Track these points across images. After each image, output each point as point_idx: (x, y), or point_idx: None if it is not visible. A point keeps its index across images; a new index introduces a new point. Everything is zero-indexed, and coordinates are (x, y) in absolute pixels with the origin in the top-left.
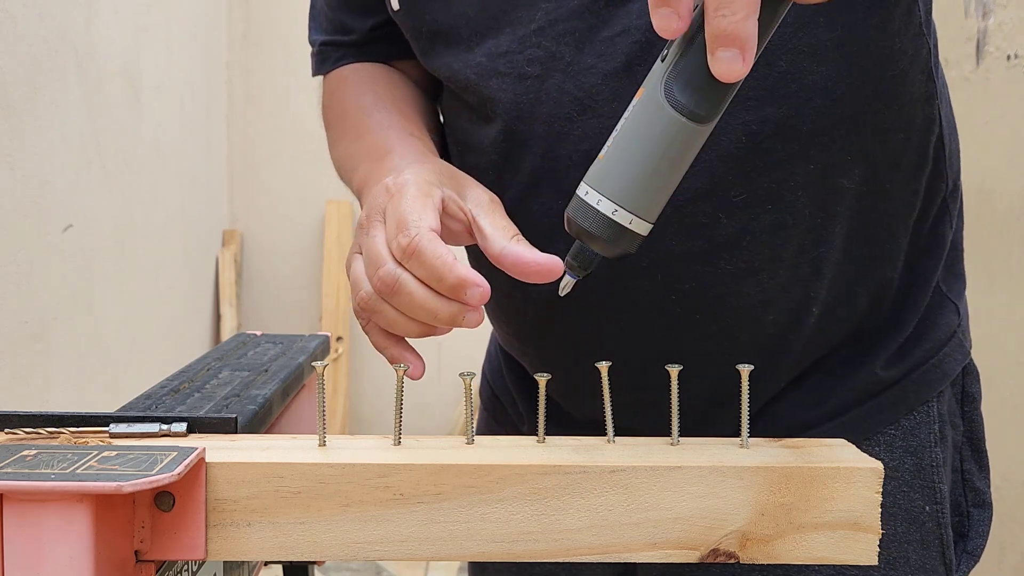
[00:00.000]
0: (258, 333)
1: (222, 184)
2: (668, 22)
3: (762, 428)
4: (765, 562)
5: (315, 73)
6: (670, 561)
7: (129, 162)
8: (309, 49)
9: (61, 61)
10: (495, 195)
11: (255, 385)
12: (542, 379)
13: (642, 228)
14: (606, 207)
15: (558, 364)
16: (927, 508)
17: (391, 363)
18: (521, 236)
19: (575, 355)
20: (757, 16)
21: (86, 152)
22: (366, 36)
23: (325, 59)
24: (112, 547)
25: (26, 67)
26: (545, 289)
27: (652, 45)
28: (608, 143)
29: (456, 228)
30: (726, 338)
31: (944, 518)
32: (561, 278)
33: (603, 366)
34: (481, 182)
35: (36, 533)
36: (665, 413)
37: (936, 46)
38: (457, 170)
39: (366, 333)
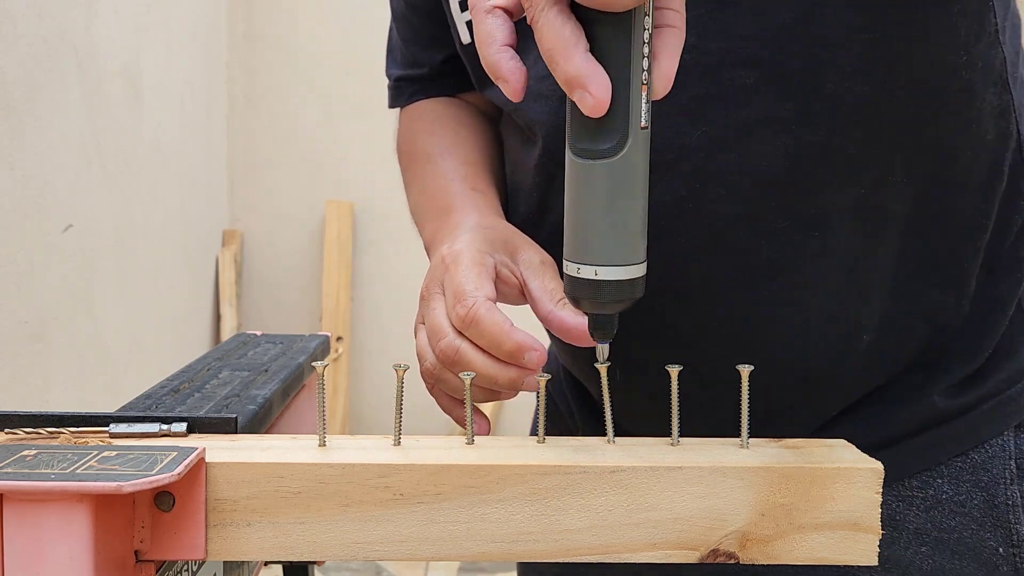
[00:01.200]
0: (258, 333)
1: (222, 184)
2: (506, 90)
3: None
4: (765, 562)
5: (391, 106)
6: (670, 561)
7: (129, 162)
8: (314, 51)
9: (61, 61)
10: (548, 257)
11: (255, 385)
12: (542, 379)
13: (641, 270)
14: (605, 273)
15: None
16: (1000, 550)
17: (458, 424)
18: (567, 300)
19: (625, 377)
20: (582, 52)
21: (86, 152)
22: (437, 69)
23: (400, 93)
24: (112, 547)
25: (26, 67)
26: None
27: (688, 69)
28: (565, 217)
29: (508, 291)
30: (769, 365)
31: (1022, 563)
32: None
33: (602, 367)
34: (527, 202)
35: (36, 533)
36: (712, 435)
37: (1019, 54)
38: (512, 230)
39: (432, 396)
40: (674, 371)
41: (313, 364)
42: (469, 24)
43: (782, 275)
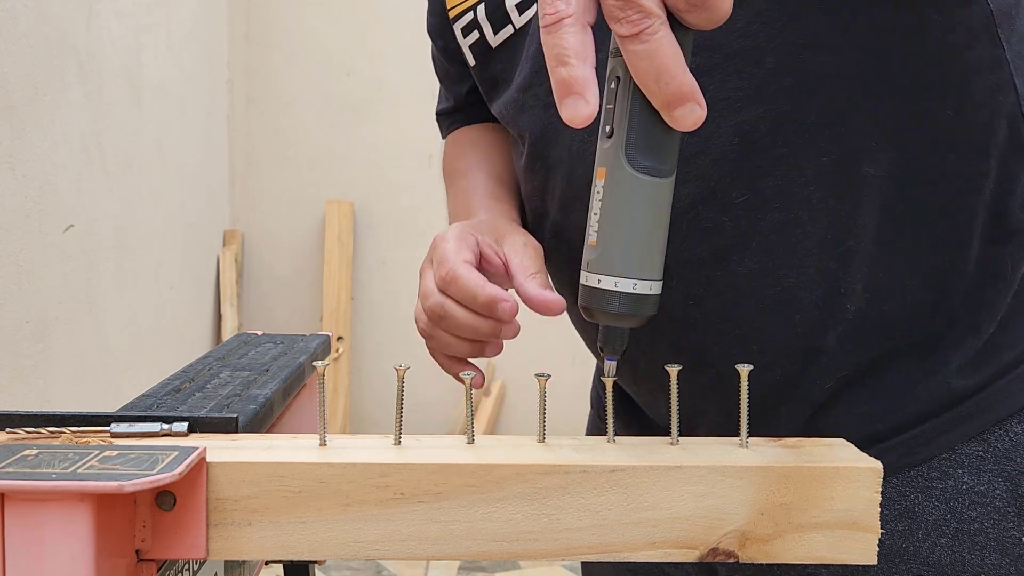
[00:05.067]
0: (259, 333)
1: (223, 184)
2: (576, 110)
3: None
4: (764, 561)
5: (443, 137)
6: (669, 560)
7: (130, 162)
8: (314, 50)
9: (62, 61)
10: (534, 241)
11: (256, 385)
12: (542, 380)
13: (659, 287)
14: (625, 285)
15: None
16: None
17: (457, 378)
18: (539, 275)
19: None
20: (687, 67)
21: (87, 152)
22: (464, 101)
23: (442, 125)
24: (113, 546)
25: (27, 67)
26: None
27: None
28: (594, 228)
29: (494, 271)
30: (753, 340)
31: None
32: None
33: (608, 381)
34: (531, 207)
35: (37, 533)
36: (705, 421)
37: (1017, 4)
38: (506, 221)
39: (433, 358)
40: (673, 371)
41: (314, 364)
42: (472, 47)
43: (749, 250)
